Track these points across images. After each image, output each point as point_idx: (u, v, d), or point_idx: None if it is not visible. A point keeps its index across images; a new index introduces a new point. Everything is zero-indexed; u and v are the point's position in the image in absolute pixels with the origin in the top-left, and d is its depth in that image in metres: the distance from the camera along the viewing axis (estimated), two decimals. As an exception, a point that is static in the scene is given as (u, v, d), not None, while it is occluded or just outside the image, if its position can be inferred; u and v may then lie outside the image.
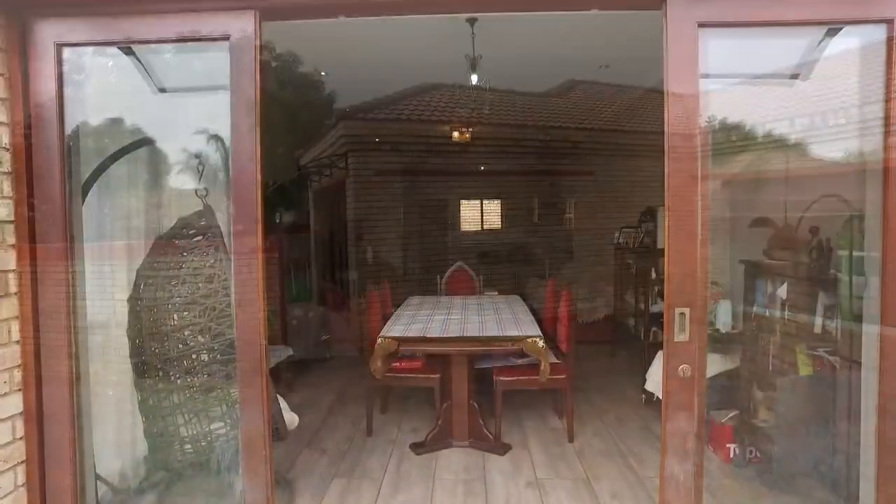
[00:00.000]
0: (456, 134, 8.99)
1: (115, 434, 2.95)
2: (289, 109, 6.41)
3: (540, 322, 4.68)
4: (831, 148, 2.92)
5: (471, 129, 8.85)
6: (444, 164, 13.02)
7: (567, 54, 5.13)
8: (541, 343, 3.61)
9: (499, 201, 15.34)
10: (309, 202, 7.37)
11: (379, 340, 3.70)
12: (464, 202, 15.30)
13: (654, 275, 5.18)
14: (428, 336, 3.71)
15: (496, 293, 9.01)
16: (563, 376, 3.98)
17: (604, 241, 7.90)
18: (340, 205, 8.97)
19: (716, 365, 3.95)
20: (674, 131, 2.03)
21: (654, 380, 4.32)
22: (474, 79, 4.16)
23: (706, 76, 2.03)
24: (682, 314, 2.06)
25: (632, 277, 5.83)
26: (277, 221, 5.49)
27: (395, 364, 4.01)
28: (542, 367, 3.64)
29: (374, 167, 12.04)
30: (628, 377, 5.51)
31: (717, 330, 4.01)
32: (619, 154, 7.65)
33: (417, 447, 3.90)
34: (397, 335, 3.73)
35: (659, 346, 5.21)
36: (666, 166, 2.04)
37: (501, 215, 15.25)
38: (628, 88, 6.48)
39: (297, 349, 5.75)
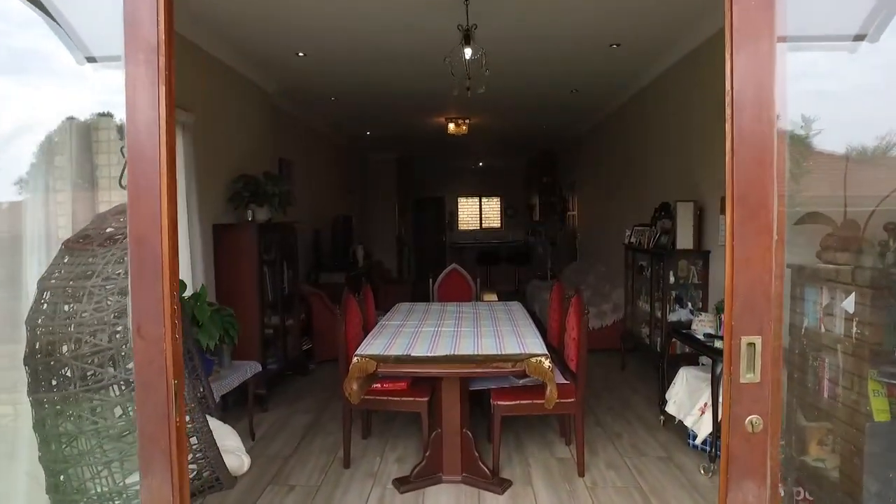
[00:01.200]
0: (452, 127, 8.43)
1: (25, 484, 2.40)
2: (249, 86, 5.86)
3: (544, 333, 4.11)
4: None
5: (467, 121, 8.28)
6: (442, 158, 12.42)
7: (572, 28, 4.55)
8: (546, 363, 3.03)
9: (497, 198, 14.81)
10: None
11: (355, 360, 3.12)
12: (461, 200, 14.78)
13: (672, 279, 4.60)
14: (413, 354, 3.13)
15: (495, 297, 8.45)
16: (572, 400, 3.40)
17: (612, 239, 7.33)
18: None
19: (752, 386, 3.37)
20: (740, 98, 1.45)
21: (677, 402, 3.75)
22: (468, 53, 3.58)
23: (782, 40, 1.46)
24: (752, 345, 1.48)
25: (646, 281, 5.25)
26: (250, 219, 4.89)
27: (375, 385, 3.43)
28: (547, 392, 3.05)
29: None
30: (643, 393, 4.94)
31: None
32: (628, 145, 7.06)
33: (402, 483, 3.33)
34: (376, 353, 3.14)
35: (679, 360, 4.62)
36: (729, 144, 1.46)
37: (501, 213, 14.72)
38: (639, 73, 5.89)
39: (273, 361, 5.19)
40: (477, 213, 15.06)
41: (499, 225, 14.97)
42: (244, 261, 4.70)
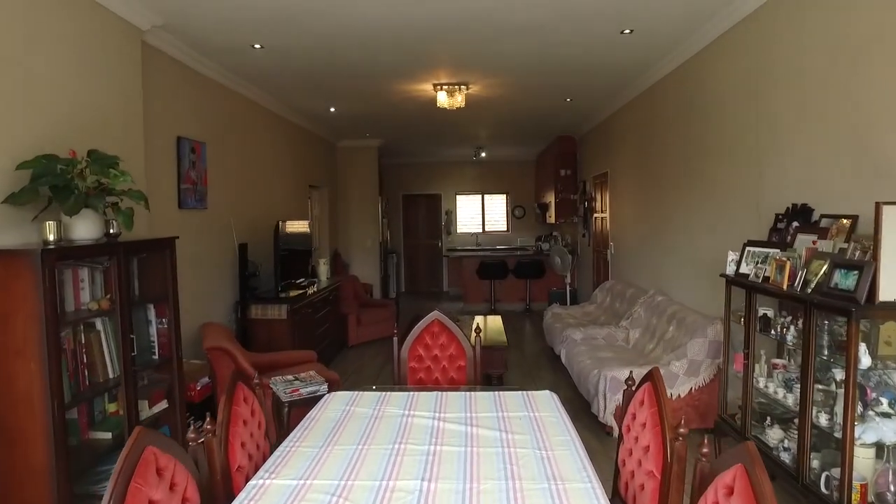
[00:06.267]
0: (444, 97, 6.14)
1: None
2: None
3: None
4: None
5: (464, 88, 5.98)
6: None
7: None
8: None
9: (503, 196, 12.46)
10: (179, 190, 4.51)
11: None
12: (460, 198, 12.39)
13: (865, 358, 2.29)
14: None
15: (500, 326, 6.04)
16: None
17: (677, 256, 5.01)
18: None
19: None
20: None
21: None
22: None
23: None
24: None
25: (772, 343, 2.97)
26: (52, 237, 2.59)
27: None
28: None
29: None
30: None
31: None
32: (706, 114, 4.76)
33: None
34: None
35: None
36: None
37: (507, 213, 12.29)
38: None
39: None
40: (479, 212, 12.76)
41: (505, 227, 12.67)
42: (20, 319, 2.41)
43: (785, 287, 2.72)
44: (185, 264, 4.45)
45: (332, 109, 6.91)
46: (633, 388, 2.18)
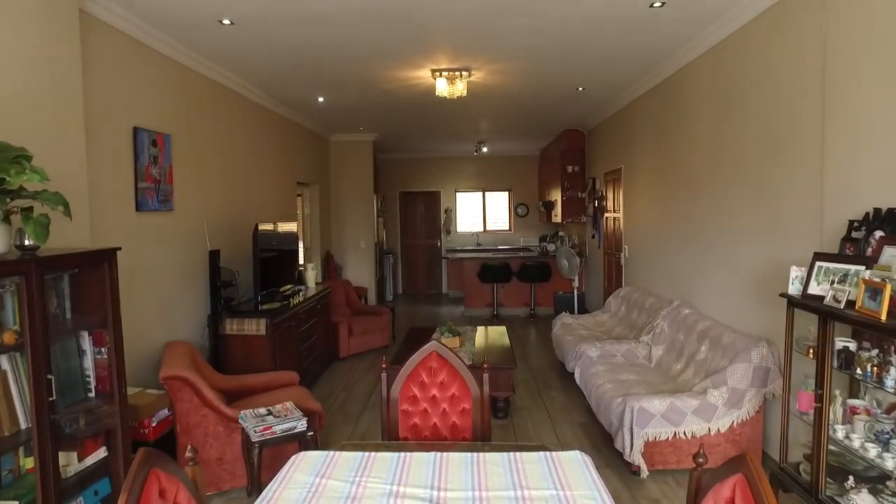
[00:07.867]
0: (443, 85, 5.52)
1: None
2: None
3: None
4: None
5: (466, 75, 5.36)
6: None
7: None
8: None
9: (506, 193, 11.80)
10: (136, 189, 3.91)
11: None
12: (460, 195, 11.71)
13: None
14: None
15: (504, 334, 5.37)
16: None
17: (711, 266, 4.38)
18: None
19: None
20: None
21: None
22: None
23: None
24: None
25: (849, 383, 2.37)
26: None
27: None
28: None
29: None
30: None
31: None
32: (750, 96, 4.13)
33: None
34: None
35: None
36: None
37: (510, 211, 11.59)
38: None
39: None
40: (480, 211, 12.15)
41: (507, 227, 12.06)
42: None
43: (884, 318, 2.11)
44: (148, 275, 3.86)
45: (321, 99, 6.29)
46: (706, 467, 1.58)
